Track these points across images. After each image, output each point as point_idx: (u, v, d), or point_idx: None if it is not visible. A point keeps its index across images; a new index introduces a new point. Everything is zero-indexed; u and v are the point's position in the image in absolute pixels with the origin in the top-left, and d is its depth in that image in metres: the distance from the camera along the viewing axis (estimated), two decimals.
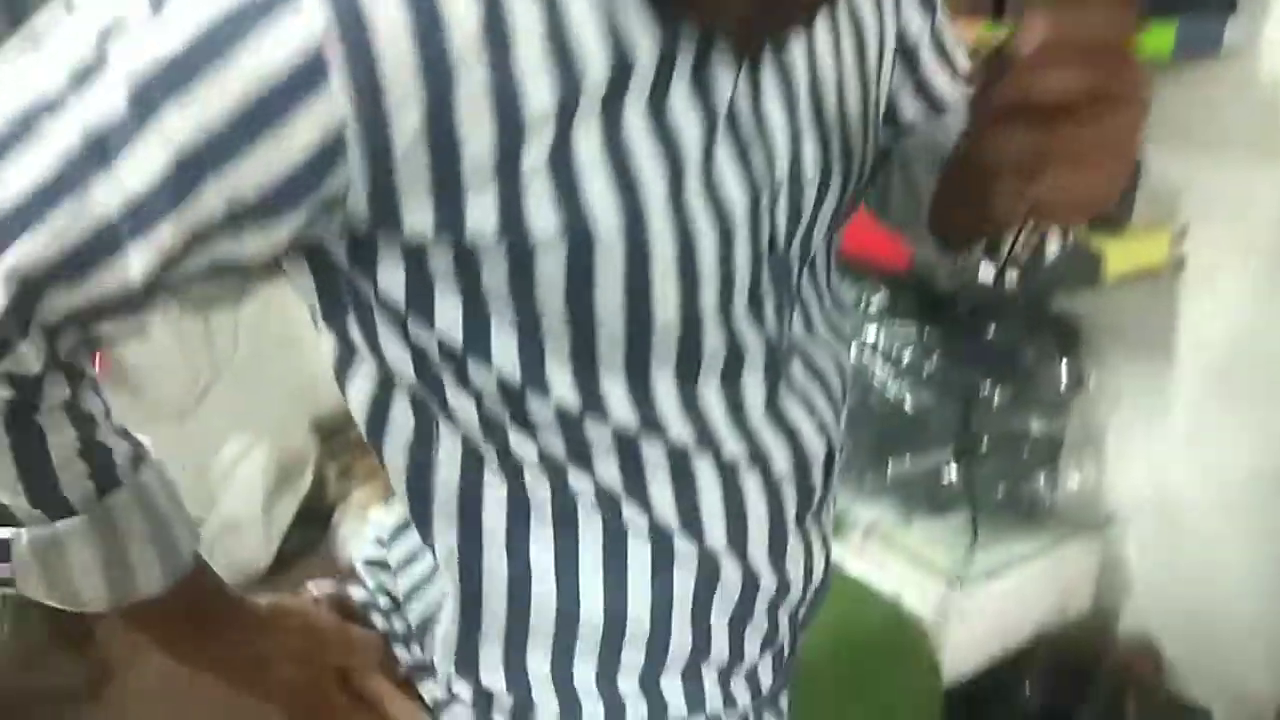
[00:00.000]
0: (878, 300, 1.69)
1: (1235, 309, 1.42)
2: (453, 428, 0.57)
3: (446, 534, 0.61)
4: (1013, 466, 1.59)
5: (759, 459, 0.62)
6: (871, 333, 1.67)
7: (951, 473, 1.61)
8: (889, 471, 1.65)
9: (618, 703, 0.63)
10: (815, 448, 0.65)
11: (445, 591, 0.63)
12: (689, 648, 0.64)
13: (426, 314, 0.52)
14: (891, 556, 1.57)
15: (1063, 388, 1.59)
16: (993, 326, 1.62)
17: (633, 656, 0.62)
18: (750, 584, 0.64)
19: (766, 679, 0.70)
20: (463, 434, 0.57)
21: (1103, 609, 1.66)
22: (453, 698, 0.65)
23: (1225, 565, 1.50)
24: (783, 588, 0.67)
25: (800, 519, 0.67)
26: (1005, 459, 1.59)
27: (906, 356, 1.64)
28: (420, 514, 0.61)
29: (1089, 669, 1.54)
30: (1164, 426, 1.57)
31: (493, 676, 0.63)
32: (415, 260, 0.50)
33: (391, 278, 0.51)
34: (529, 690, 0.62)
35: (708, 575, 0.63)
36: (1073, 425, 1.60)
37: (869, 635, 1.40)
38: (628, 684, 0.63)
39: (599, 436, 0.57)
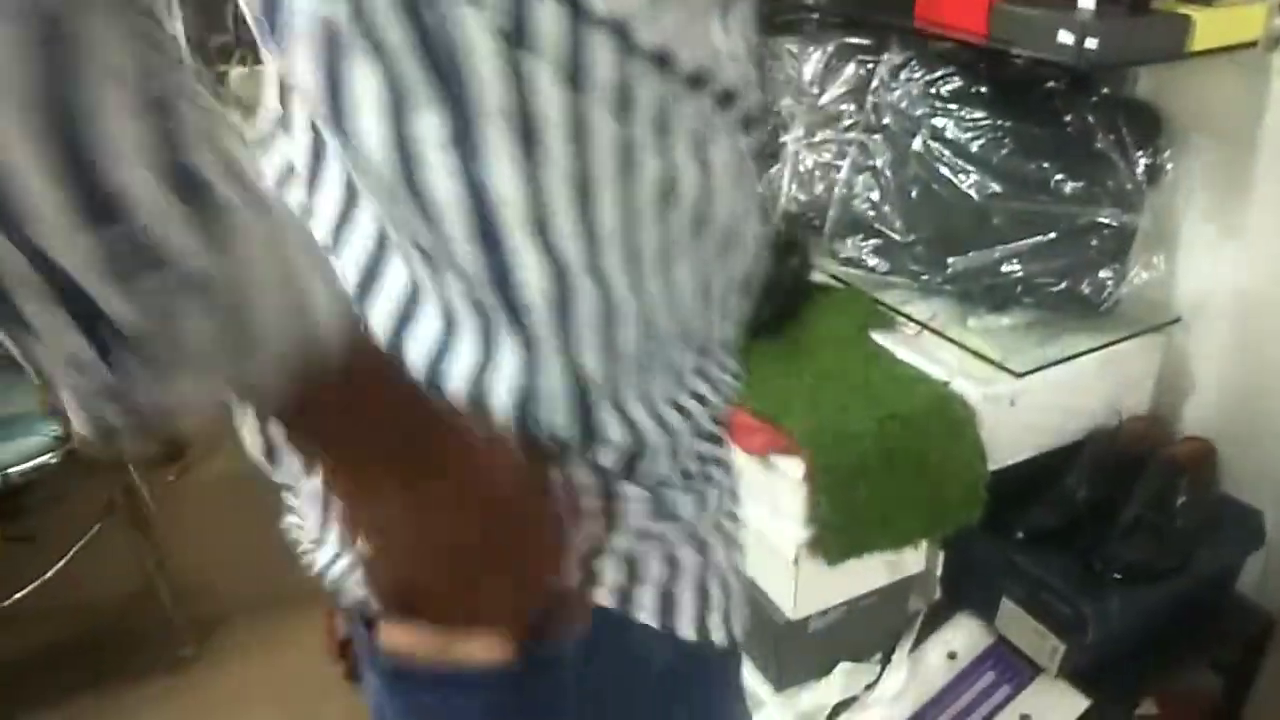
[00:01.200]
0: (948, 89, 1.62)
1: None
2: None
3: None
4: (1079, 261, 1.55)
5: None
6: (940, 121, 1.61)
7: (1014, 266, 1.58)
8: (949, 267, 1.62)
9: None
10: None
11: None
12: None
13: None
14: (945, 349, 1.56)
15: (1138, 179, 1.53)
16: (1068, 114, 1.56)
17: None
18: None
19: None
20: None
21: (1161, 409, 1.64)
22: None
23: None
24: None
25: None
26: (1072, 252, 1.55)
27: (975, 146, 1.58)
28: None
29: (1140, 465, 1.53)
30: (1241, 223, 1.51)
31: None
32: None
33: None
34: None
35: None
36: (1145, 219, 1.54)
37: (915, 410, 1.40)
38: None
39: None
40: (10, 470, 1.72)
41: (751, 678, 1.60)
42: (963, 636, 1.62)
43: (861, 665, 1.59)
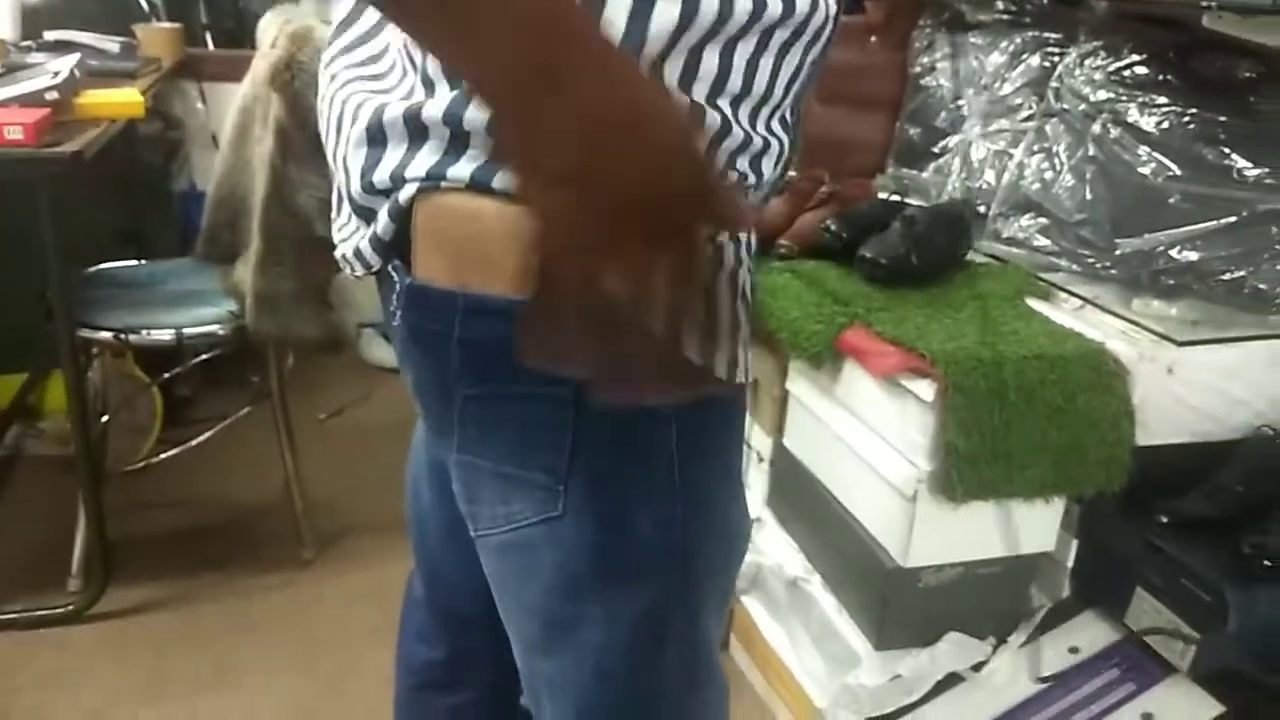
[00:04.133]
0: (1134, 75, 1.60)
1: None
2: None
3: None
4: (1257, 249, 1.49)
5: None
6: (1123, 106, 1.59)
7: (1186, 251, 1.52)
8: (1117, 249, 1.58)
9: None
10: None
11: None
12: None
13: None
14: (1104, 319, 1.51)
15: None
16: (1260, 104, 1.51)
17: None
18: None
19: None
20: None
21: None
22: None
23: None
24: None
25: None
26: (1250, 240, 1.48)
27: (1157, 130, 1.55)
28: None
29: None
30: None
31: None
32: None
33: None
34: None
35: None
36: None
37: (1062, 356, 1.35)
38: None
39: None
40: (185, 329, 1.85)
41: (849, 630, 1.54)
42: (1088, 632, 1.51)
43: (973, 641, 1.50)
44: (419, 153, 0.63)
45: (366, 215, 0.70)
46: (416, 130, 0.63)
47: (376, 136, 0.65)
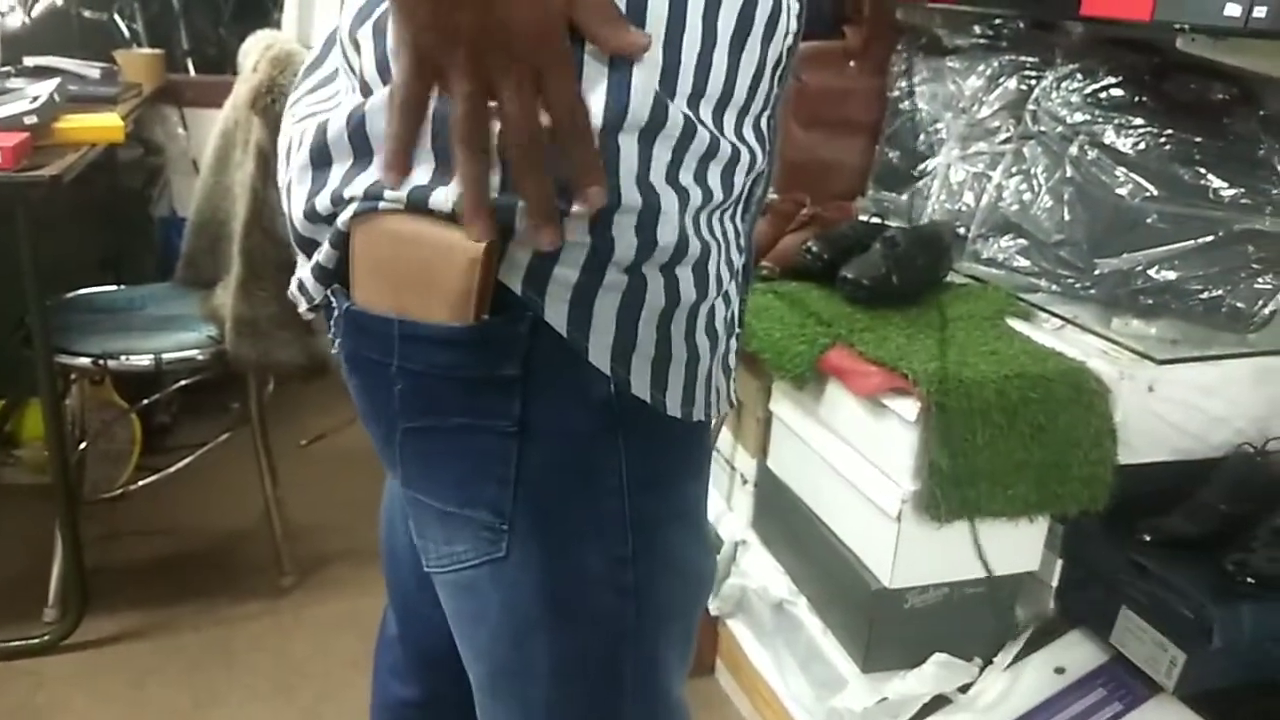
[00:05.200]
0: (1110, 97, 1.62)
1: None
2: None
3: None
4: (1234, 268, 1.50)
5: None
6: (1099, 128, 1.61)
7: (1164, 270, 1.53)
8: (1096, 269, 1.59)
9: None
10: None
11: None
12: None
13: None
14: (1084, 338, 1.52)
15: None
16: (1233, 125, 1.53)
17: None
18: None
19: None
20: None
21: None
22: None
23: None
24: None
25: None
26: (1227, 259, 1.50)
27: (1133, 151, 1.57)
28: None
29: None
30: None
31: None
32: None
33: None
34: None
35: None
36: None
37: (1043, 375, 1.35)
38: None
39: None
40: (164, 355, 1.84)
41: (835, 652, 1.53)
42: (1073, 652, 1.51)
43: (959, 663, 1.50)
44: (361, 172, 0.62)
45: (309, 247, 0.67)
46: (360, 144, 0.61)
47: (320, 158, 0.63)
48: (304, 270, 0.68)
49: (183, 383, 2.27)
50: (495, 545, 0.67)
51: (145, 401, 2.30)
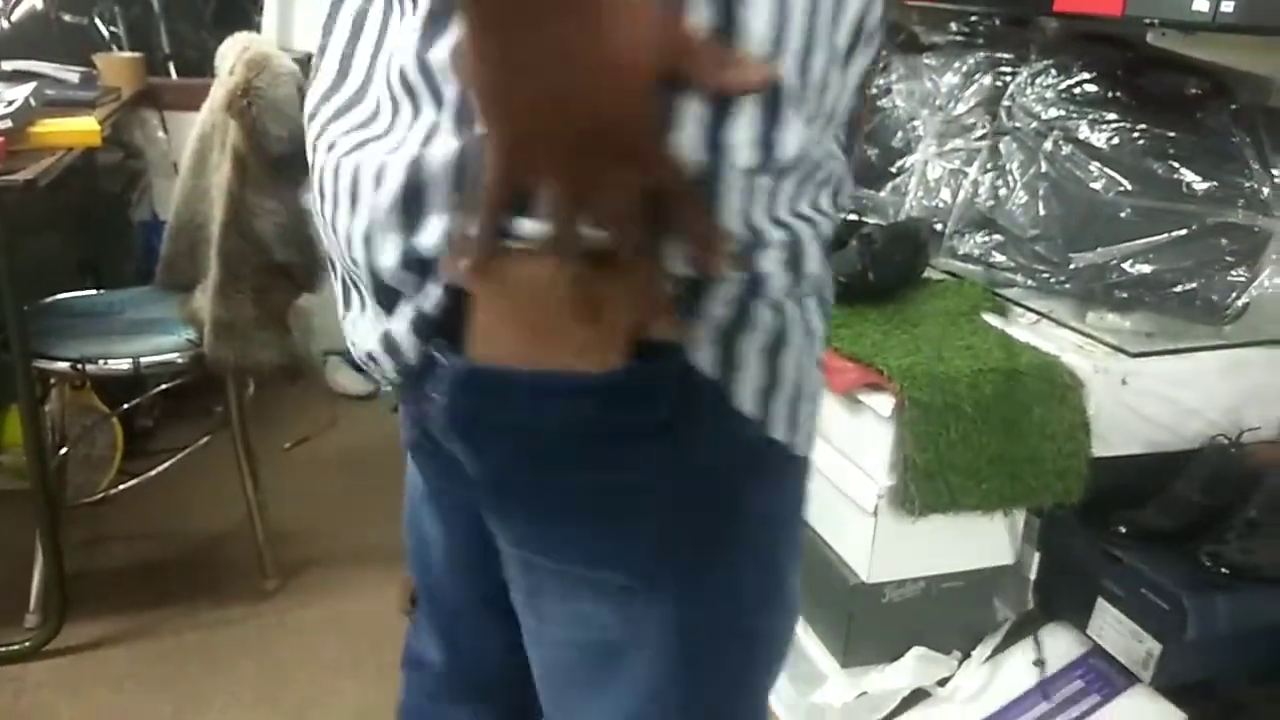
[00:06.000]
0: (1084, 93, 1.63)
1: None
2: None
3: None
4: (1207, 260, 1.51)
5: None
6: (1073, 123, 1.62)
7: (1139, 264, 1.54)
8: (1071, 263, 1.60)
9: None
10: None
11: None
12: None
13: None
14: (1059, 332, 1.52)
15: (1275, 183, 1.49)
16: (1205, 120, 1.54)
17: None
18: None
19: None
20: None
21: None
22: None
23: None
24: None
25: None
26: (1201, 251, 1.51)
27: (1107, 146, 1.58)
28: None
29: (1261, 477, 1.43)
30: None
31: None
32: None
33: None
34: None
35: None
36: (1277, 225, 1.49)
37: (1017, 369, 1.36)
38: None
39: None
40: (143, 359, 1.83)
41: (815, 648, 1.54)
42: (1052, 645, 1.52)
43: (938, 656, 1.50)
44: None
45: (392, 298, 0.59)
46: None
47: (416, 197, 0.55)
48: (395, 323, 0.60)
49: (164, 387, 2.26)
50: (630, 604, 0.63)
51: (126, 406, 2.29)
